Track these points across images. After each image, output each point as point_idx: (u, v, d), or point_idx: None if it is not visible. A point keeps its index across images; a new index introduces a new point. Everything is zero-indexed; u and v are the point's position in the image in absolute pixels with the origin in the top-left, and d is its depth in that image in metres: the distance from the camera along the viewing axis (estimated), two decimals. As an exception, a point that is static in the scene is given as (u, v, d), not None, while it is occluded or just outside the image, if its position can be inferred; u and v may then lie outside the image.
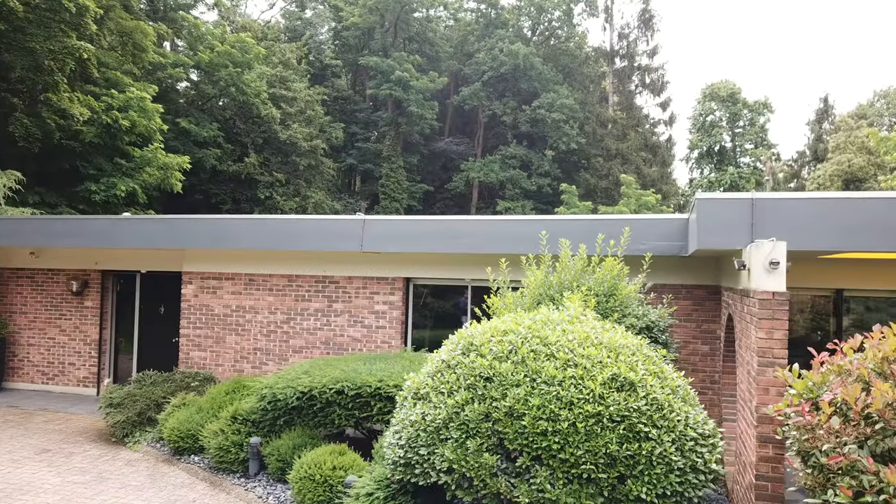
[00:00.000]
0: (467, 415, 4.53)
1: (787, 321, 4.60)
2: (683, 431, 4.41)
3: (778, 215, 5.63)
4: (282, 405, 7.00)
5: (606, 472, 4.21)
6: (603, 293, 6.65)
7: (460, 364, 4.91)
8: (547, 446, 4.29)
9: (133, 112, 19.59)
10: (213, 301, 10.20)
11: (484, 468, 4.36)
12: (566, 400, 4.39)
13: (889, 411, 3.31)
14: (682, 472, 4.29)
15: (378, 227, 8.86)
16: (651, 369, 4.77)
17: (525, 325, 5.08)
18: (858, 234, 5.42)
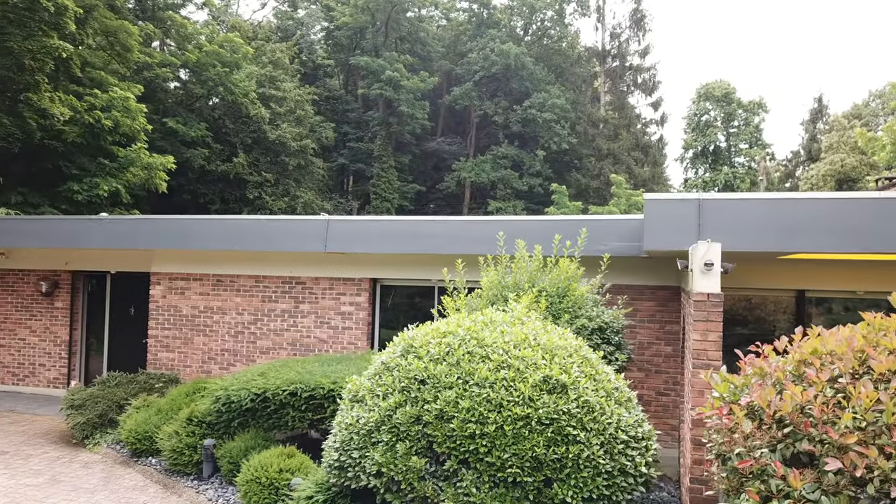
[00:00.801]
0: (398, 418, 4.50)
1: (722, 323, 4.56)
2: (614, 434, 4.37)
3: (724, 216, 5.60)
4: (236, 407, 6.96)
5: (533, 476, 4.18)
6: (556, 294, 6.61)
7: (398, 366, 4.88)
8: (475, 449, 4.26)
9: (116, 112, 19.53)
10: (181, 302, 10.16)
11: (412, 471, 4.33)
12: (496, 402, 4.35)
13: (798, 415, 3.27)
14: (610, 475, 4.26)
15: (342, 227, 8.82)
16: (587, 371, 4.73)
17: (465, 327, 5.04)
18: (802, 235, 5.38)
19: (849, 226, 5.29)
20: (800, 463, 3.33)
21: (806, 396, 3.27)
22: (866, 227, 5.24)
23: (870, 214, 5.27)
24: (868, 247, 5.28)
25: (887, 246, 5.24)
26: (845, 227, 5.30)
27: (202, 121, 28.32)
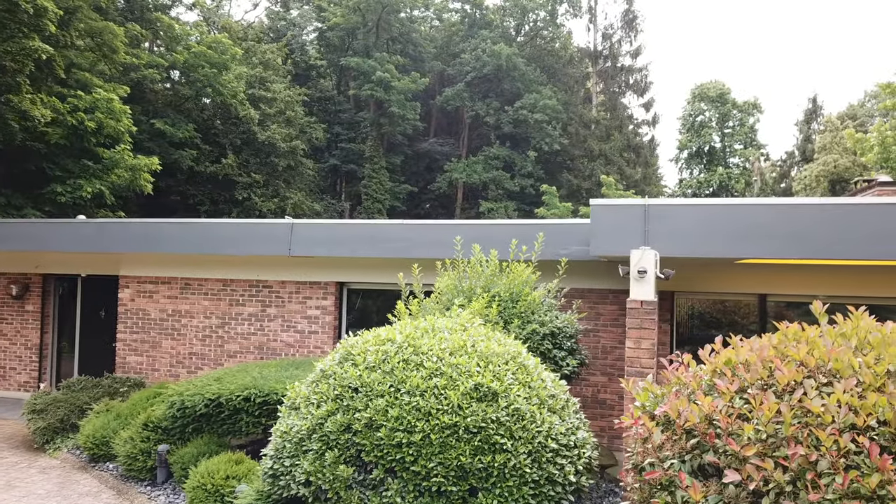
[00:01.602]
0: (329, 426, 4.48)
1: (656, 330, 4.54)
2: (543, 443, 4.35)
3: (670, 222, 5.58)
4: (190, 412, 6.93)
5: (458, 485, 4.15)
6: (509, 299, 6.59)
7: (335, 374, 4.86)
8: (401, 458, 4.24)
9: (100, 113, 19.49)
10: (150, 305, 10.13)
11: (339, 480, 4.30)
12: (425, 411, 4.33)
13: (705, 426, 3.25)
14: (537, 484, 4.23)
15: (306, 231, 8.80)
16: (522, 379, 4.71)
17: (404, 334, 5.02)
18: (746, 241, 5.36)
19: (793, 232, 5.27)
20: (707, 474, 3.31)
21: (712, 407, 3.25)
22: (810, 232, 5.22)
23: (813, 220, 5.25)
24: (812, 253, 5.25)
25: (831, 252, 5.21)
26: (789, 232, 5.27)
27: (191, 122, 28.28)
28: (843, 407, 2.91)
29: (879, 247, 5.09)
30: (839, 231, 5.16)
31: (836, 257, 5.22)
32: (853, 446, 2.79)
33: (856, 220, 5.14)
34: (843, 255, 5.20)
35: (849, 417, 2.85)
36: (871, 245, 5.10)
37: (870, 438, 2.82)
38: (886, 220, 5.08)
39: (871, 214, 5.10)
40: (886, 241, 5.06)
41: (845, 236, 5.14)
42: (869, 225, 5.08)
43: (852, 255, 5.20)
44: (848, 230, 5.14)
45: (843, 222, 5.16)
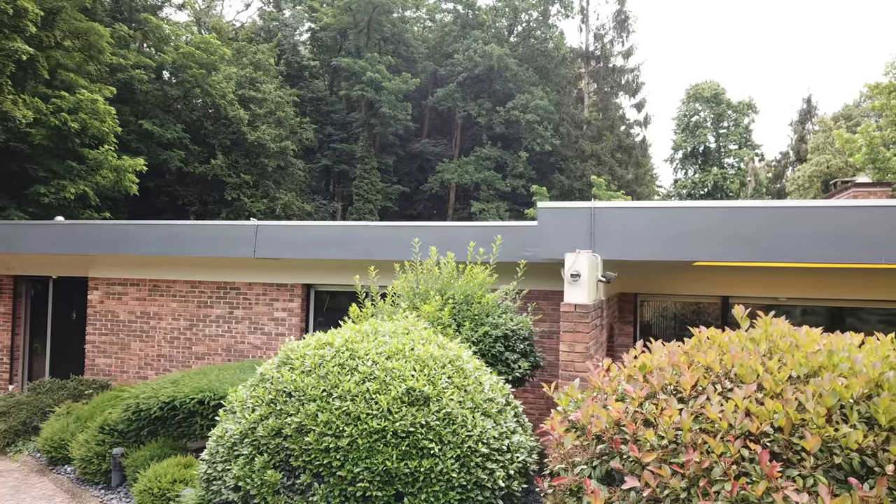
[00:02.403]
0: (260, 431, 4.45)
1: (589, 334, 4.52)
2: (473, 447, 4.33)
3: (616, 225, 5.56)
4: (145, 415, 6.91)
5: (383, 490, 4.13)
6: (464, 301, 6.57)
7: (272, 378, 4.83)
8: (328, 463, 4.21)
9: (83, 114, 19.45)
10: (119, 307, 10.11)
11: (267, 485, 4.28)
12: (354, 415, 4.31)
13: (612, 431, 3.23)
14: (464, 489, 4.21)
15: (271, 233, 8.77)
16: (458, 383, 4.69)
17: (344, 337, 5.00)
18: (691, 244, 5.34)
19: (737, 235, 5.25)
20: (615, 481, 3.29)
21: (618, 413, 3.23)
22: (754, 235, 5.20)
23: (757, 223, 5.23)
24: (757, 255, 5.24)
25: (776, 255, 5.20)
26: (734, 236, 5.26)
27: (180, 123, 28.27)
28: (740, 413, 2.89)
29: (822, 249, 5.08)
30: (783, 234, 5.14)
31: (781, 260, 5.21)
32: (746, 453, 2.77)
33: (799, 223, 5.13)
34: (787, 257, 5.19)
35: (745, 424, 2.83)
36: (815, 247, 5.08)
37: (763, 445, 2.81)
38: (828, 222, 5.07)
39: (813, 217, 5.08)
40: (829, 243, 5.05)
41: (789, 239, 5.12)
42: (812, 227, 5.07)
43: (796, 257, 5.18)
44: (791, 233, 5.12)
45: (787, 225, 5.15)
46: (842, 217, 5.08)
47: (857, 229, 5.01)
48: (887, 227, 4.92)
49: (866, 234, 4.98)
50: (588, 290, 4.56)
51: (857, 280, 7.20)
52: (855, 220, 5.04)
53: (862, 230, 5.00)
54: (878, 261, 4.96)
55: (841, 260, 5.13)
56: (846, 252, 5.05)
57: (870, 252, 4.97)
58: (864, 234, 4.99)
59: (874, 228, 4.96)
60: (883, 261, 4.90)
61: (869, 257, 5.01)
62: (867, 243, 4.97)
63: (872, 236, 4.94)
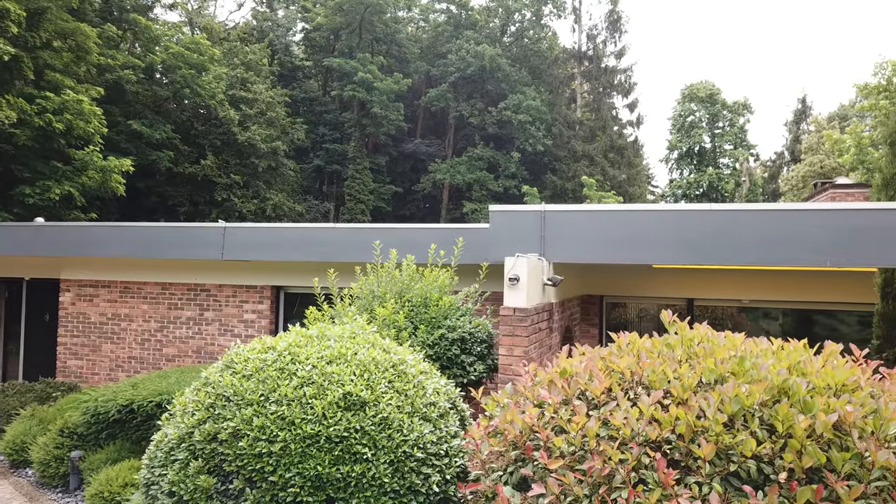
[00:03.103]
0: (197, 435, 4.44)
1: (528, 337, 4.50)
2: (409, 452, 4.31)
3: (566, 228, 5.56)
4: (104, 418, 6.90)
5: (314, 496, 4.12)
6: (421, 304, 6.56)
7: (214, 382, 4.82)
8: (261, 468, 4.20)
9: (68, 115, 19.42)
10: (90, 309, 10.09)
11: (199, 491, 4.27)
12: (289, 420, 4.29)
13: (526, 437, 3.22)
14: (397, 494, 4.20)
15: (239, 234, 8.76)
16: (399, 387, 4.67)
17: (288, 341, 4.98)
18: (639, 246, 5.33)
19: (683, 238, 5.24)
20: (529, 488, 3.27)
21: (531, 419, 3.22)
22: (699, 239, 5.19)
23: (703, 227, 5.22)
24: (701, 259, 5.23)
25: (718, 258, 5.18)
26: (679, 239, 5.24)
27: (170, 123, 28.23)
28: (643, 420, 2.87)
29: (765, 253, 5.07)
30: (726, 237, 5.13)
31: (724, 263, 5.19)
32: (647, 460, 2.76)
33: (742, 226, 5.11)
34: (730, 260, 5.18)
35: (647, 431, 2.82)
36: (758, 251, 5.07)
37: (664, 453, 2.79)
38: (772, 226, 5.05)
39: (757, 221, 5.07)
40: (772, 246, 5.03)
41: (732, 242, 5.11)
42: (755, 231, 5.05)
43: (737, 260, 5.17)
44: (735, 236, 5.11)
45: (731, 229, 5.14)
46: (785, 221, 5.07)
47: (801, 232, 5.00)
48: (831, 230, 4.91)
49: (810, 238, 4.97)
50: (528, 294, 4.54)
51: (821, 282, 7.19)
52: (798, 223, 5.03)
53: (806, 233, 4.99)
54: (823, 263, 4.95)
55: (785, 263, 5.12)
56: (790, 255, 5.04)
57: (814, 255, 4.96)
58: (809, 238, 4.98)
59: (818, 232, 4.95)
60: (828, 264, 4.89)
61: (813, 260, 5.00)
62: (811, 246, 4.96)
63: (816, 239, 4.93)
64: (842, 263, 4.84)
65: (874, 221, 4.77)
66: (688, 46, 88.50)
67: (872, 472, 2.53)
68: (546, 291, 5.44)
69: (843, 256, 4.84)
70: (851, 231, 4.84)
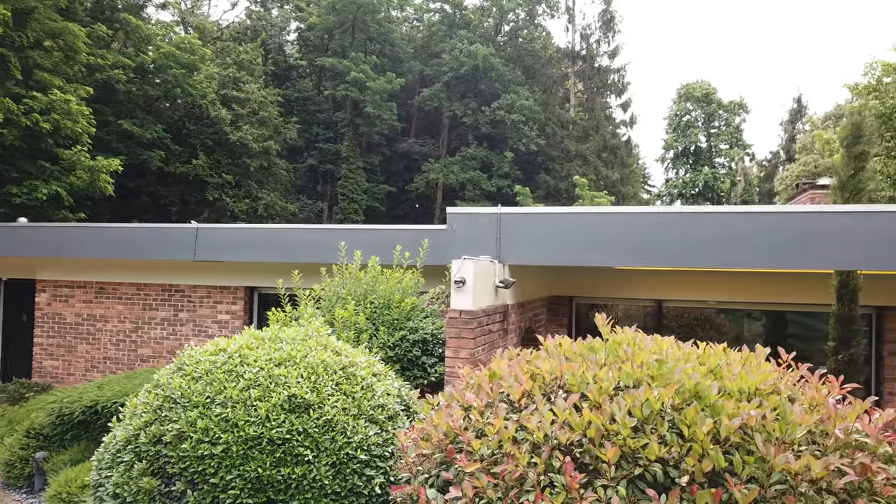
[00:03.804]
0: (142, 437, 4.46)
1: (474, 340, 4.52)
2: (352, 454, 4.33)
3: (521, 231, 5.58)
4: (69, 419, 6.92)
5: (254, 498, 4.14)
6: (383, 305, 6.58)
7: (164, 384, 4.83)
8: (203, 470, 4.22)
9: (56, 114, 19.43)
10: (65, 310, 10.11)
11: (142, 492, 4.28)
12: (232, 422, 4.31)
13: (448, 441, 3.23)
14: (338, 495, 4.22)
15: (211, 236, 8.77)
16: (347, 389, 4.69)
17: (240, 343, 5.00)
18: (589, 249, 5.35)
19: (630, 240, 5.26)
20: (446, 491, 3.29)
21: (455, 422, 3.24)
22: (644, 241, 5.21)
23: (647, 230, 5.24)
24: (648, 261, 5.24)
25: (664, 260, 5.20)
26: (626, 241, 5.26)
27: (162, 122, 28.24)
28: (557, 423, 2.89)
29: (706, 254, 5.08)
30: (670, 239, 5.15)
31: (668, 264, 5.21)
32: (557, 463, 2.78)
33: (685, 228, 5.13)
34: (673, 262, 5.20)
35: (558, 434, 2.84)
36: (699, 252, 5.09)
37: (574, 456, 2.81)
38: (713, 228, 5.07)
39: (697, 223, 5.09)
40: (714, 248, 5.05)
41: (676, 244, 5.13)
42: (698, 233, 5.07)
43: (682, 262, 5.19)
44: (678, 238, 5.13)
45: (673, 231, 5.16)
46: (724, 223, 5.09)
47: (741, 235, 5.01)
48: (770, 232, 4.92)
49: (750, 240, 4.99)
50: (474, 297, 4.56)
51: (788, 284, 7.21)
52: (738, 225, 5.04)
53: (746, 236, 5.01)
54: (765, 266, 4.96)
55: (726, 264, 5.14)
56: (730, 257, 5.06)
57: (753, 257, 4.97)
58: (748, 240, 4.99)
59: (758, 234, 4.96)
60: (771, 266, 4.90)
61: (752, 262, 5.02)
62: (751, 248, 4.98)
63: (755, 242, 4.94)
64: (782, 265, 4.86)
65: (816, 224, 4.78)
66: (683, 46, 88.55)
67: (772, 475, 2.55)
68: (499, 293, 5.46)
69: (784, 259, 4.86)
70: (793, 234, 4.86)
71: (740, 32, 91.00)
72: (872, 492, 2.71)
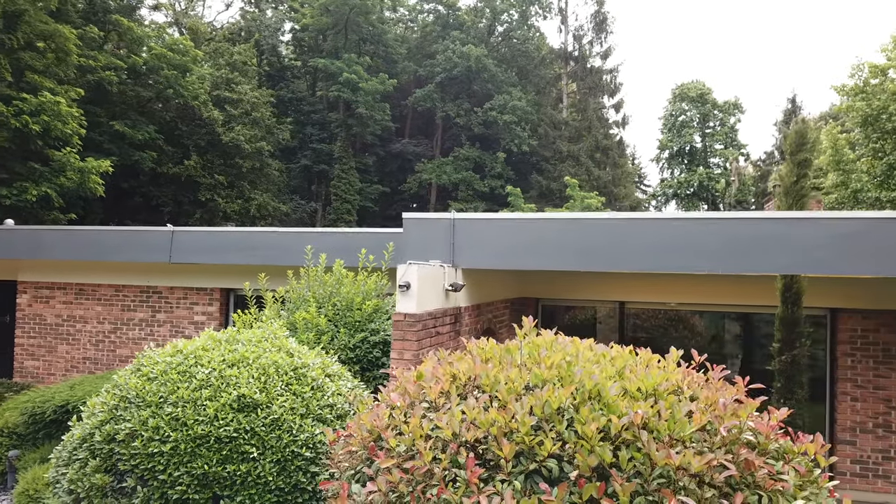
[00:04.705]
0: (97, 436, 4.63)
1: (419, 342, 4.70)
2: (297, 451, 4.51)
3: (473, 236, 5.75)
4: (40, 418, 7.09)
5: (200, 493, 4.31)
6: (346, 307, 6.75)
7: (121, 385, 5.01)
8: (153, 467, 4.39)
9: (45, 116, 19.59)
10: (46, 311, 10.28)
11: (95, 488, 4.46)
12: (182, 421, 4.49)
13: (370, 439, 3.41)
14: (281, 491, 4.39)
15: (186, 239, 8.94)
16: (297, 389, 4.87)
17: (196, 345, 5.17)
18: (537, 254, 5.53)
19: (577, 245, 5.43)
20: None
21: (376, 421, 3.41)
22: (592, 246, 5.39)
23: (595, 235, 5.41)
24: (594, 265, 5.42)
25: (613, 264, 5.38)
26: (573, 246, 5.44)
27: (154, 123, 28.40)
28: (466, 422, 3.07)
29: (654, 259, 5.25)
30: (618, 244, 5.32)
31: (616, 268, 5.39)
32: (462, 459, 2.95)
33: (632, 234, 5.30)
34: (622, 266, 5.37)
35: (465, 432, 3.01)
36: (647, 257, 5.26)
37: (477, 453, 2.99)
38: (661, 234, 5.24)
39: (643, 229, 5.26)
40: (662, 253, 5.22)
41: (624, 249, 5.30)
42: (644, 239, 5.24)
43: (631, 266, 5.36)
44: (627, 244, 5.30)
45: (621, 236, 5.33)
46: (670, 228, 5.27)
47: (690, 240, 5.19)
48: (720, 237, 5.10)
49: (700, 245, 5.16)
50: (418, 300, 4.74)
51: (745, 286, 7.39)
52: (686, 230, 5.22)
53: (695, 240, 5.18)
54: (715, 269, 5.14)
55: (675, 269, 5.32)
56: (680, 261, 5.23)
57: (704, 261, 5.15)
58: (698, 245, 5.17)
59: (707, 239, 5.14)
60: (720, 270, 5.08)
61: (703, 266, 5.19)
62: (701, 253, 5.16)
63: (705, 247, 5.12)
64: (718, 269, 5.04)
65: (751, 230, 4.95)
66: (678, 46, 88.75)
67: (654, 470, 2.72)
68: (451, 296, 5.64)
69: (720, 263, 5.04)
70: (728, 240, 5.03)
71: (735, 32, 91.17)
72: (756, 485, 2.89)
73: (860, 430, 7.16)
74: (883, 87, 24.42)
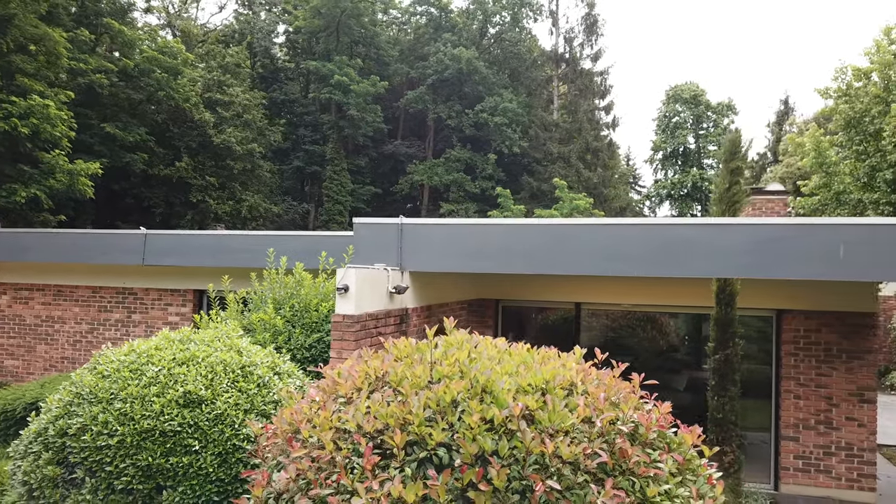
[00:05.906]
0: (51, 431, 4.89)
1: (357, 342, 4.95)
2: (238, 444, 4.77)
3: (419, 240, 6.01)
4: (11, 416, 7.35)
5: (144, 484, 4.57)
6: (304, 309, 7.01)
7: (78, 381, 5.27)
8: (100, 459, 4.65)
9: (34, 119, 19.84)
10: (25, 311, 10.53)
11: (47, 479, 4.72)
12: (129, 416, 4.75)
13: (288, 431, 3.67)
14: (221, 482, 4.66)
15: (158, 241, 9.20)
16: (242, 386, 5.13)
17: (150, 344, 5.43)
18: (482, 258, 5.78)
19: (517, 250, 5.69)
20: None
21: (293, 415, 3.67)
22: (530, 251, 5.64)
23: (533, 240, 5.67)
24: (537, 268, 5.68)
25: (553, 267, 5.63)
26: (515, 250, 5.70)
27: (145, 125, 28.66)
28: (370, 415, 3.33)
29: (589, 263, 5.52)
30: (560, 249, 5.57)
31: (553, 271, 5.64)
32: (362, 449, 3.21)
33: (574, 238, 5.56)
34: (559, 269, 5.63)
35: (365, 424, 3.27)
36: (583, 262, 5.52)
37: (377, 443, 3.25)
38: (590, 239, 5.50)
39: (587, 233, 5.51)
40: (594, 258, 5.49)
41: (563, 253, 5.56)
42: (578, 244, 5.50)
43: (575, 269, 5.62)
44: (566, 249, 5.55)
45: (563, 240, 5.58)
46: (606, 233, 5.52)
47: (624, 245, 5.44)
48: (641, 243, 5.35)
49: (632, 250, 5.42)
50: (357, 302, 4.99)
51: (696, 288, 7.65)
52: (621, 236, 5.48)
53: (628, 245, 5.44)
54: (647, 273, 5.40)
55: (611, 272, 5.57)
56: (615, 265, 5.49)
57: (628, 265, 5.41)
58: (630, 249, 5.42)
59: (630, 244, 5.39)
60: (641, 273, 5.33)
61: (635, 269, 5.45)
62: (632, 258, 5.41)
63: (626, 251, 5.38)
64: (650, 273, 5.29)
65: (679, 235, 5.21)
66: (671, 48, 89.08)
67: (529, 457, 2.99)
68: (396, 298, 5.89)
69: (652, 267, 5.29)
70: (659, 244, 5.29)
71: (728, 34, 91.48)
72: (630, 472, 3.15)
73: (803, 427, 7.42)
74: (866, 90, 24.66)
